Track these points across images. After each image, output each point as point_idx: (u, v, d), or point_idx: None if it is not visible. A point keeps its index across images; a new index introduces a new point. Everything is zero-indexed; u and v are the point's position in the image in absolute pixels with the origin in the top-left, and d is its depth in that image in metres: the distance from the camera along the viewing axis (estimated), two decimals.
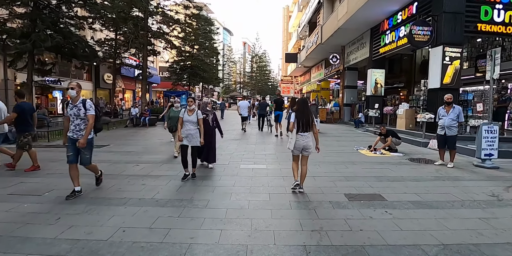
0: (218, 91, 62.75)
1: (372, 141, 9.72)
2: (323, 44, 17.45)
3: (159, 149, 8.17)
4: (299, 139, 4.23)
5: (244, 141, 9.61)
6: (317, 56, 22.08)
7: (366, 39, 14.44)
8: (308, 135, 4.31)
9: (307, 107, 4.38)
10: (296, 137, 4.24)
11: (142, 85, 16.98)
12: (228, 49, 68.48)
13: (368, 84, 14.14)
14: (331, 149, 8.11)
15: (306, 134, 4.27)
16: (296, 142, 4.23)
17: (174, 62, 25.32)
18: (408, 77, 16.89)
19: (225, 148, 8.18)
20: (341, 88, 18.31)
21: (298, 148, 4.28)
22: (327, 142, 9.55)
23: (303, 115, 4.25)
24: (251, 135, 11.57)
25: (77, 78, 24.22)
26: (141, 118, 14.86)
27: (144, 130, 13.28)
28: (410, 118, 10.57)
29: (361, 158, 6.90)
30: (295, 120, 4.25)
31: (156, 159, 6.71)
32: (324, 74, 22.62)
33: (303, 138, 4.24)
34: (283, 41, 49.21)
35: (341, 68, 18.15)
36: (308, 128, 4.27)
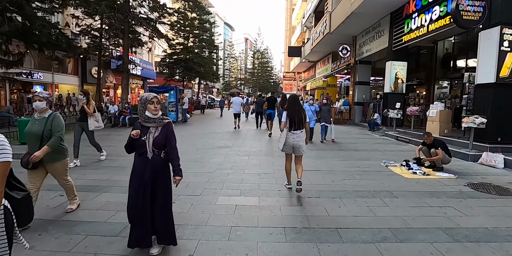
0: (217, 88, 60.61)
1: (398, 150, 7.60)
2: (332, 33, 15.24)
3: (114, 163, 6.07)
4: (289, 137, 4.15)
5: (235, 150, 7.48)
6: (324, 49, 19.85)
7: (385, 26, 12.23)
8: (300, 133, 4.19)
9: (298, 104, 4.28)
10: (287, 135, 4.16)
11: (123, 79, 14.90)
12: (229, 44, 66.23)
13: (386, 80, 11.96)
14: (351, 164, 5.97)
15: (298, 132, 4.16)
16: (286, 140, 4.14)
17: (166, 56, 23.17)
18: (427, 73, 14.69)
19: (207, 161, 6.06)
20: (352, 84, 16.14)
21: (289, 146, 4.17)
22: (342, 151, 7.42)
23: (295, 113, 4.17)
24: (245, 138, 9.46)
25: (60, 72, 22.11)
26: (120, 117, 12.78)
27: (121, 131, 11.20)
28: (445, 121, 8.41)
29: (399, 182, 4.76)
30: (286, 119, 4.16)
31: (95, 181, 4.61)
32: (331, 69, 20.40)
33: (294, 136, 4.15)
34: (286, 36, 46.87)
35: (352, 61, 15.95)
36: (301, 125, 4.18)
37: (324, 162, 6.15)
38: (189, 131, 11.60)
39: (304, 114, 4.26)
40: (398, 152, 7.52)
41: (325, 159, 6.49)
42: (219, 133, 10.91)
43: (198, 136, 9.95)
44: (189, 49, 23.47)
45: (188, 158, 6.39)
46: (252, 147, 7.96)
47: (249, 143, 8.57)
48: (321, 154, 7.00)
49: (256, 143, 8.58)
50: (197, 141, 8.80)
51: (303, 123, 4.19)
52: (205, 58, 25.09)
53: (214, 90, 58.22)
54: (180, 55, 23.08)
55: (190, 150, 7.29)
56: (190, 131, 11.62)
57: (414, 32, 9.89)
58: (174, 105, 14.89)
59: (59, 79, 21.98)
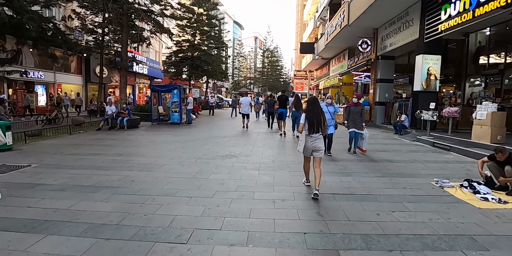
0: (226, 88, 59.51)
1: (442, 161, 6.16)
2: (350, 26, 13.75)
3: (99, 177, 4.83)
4: (308, 140, 4.07)
5: (242, 160, 6.17)
6: (340, 44, 18.33)
7: (414, 14, 10.69)
8: (319, 136, 4.09)
9: (317, 107, 4.17)
10: (306, 138, 4.08)
11: (121, 77, 13.76)
12: (238, 43, 65.05)
13: (416, 76, 10.44)
14: (393, 184, 4.57)
15: (316, 135, 4.07)
16: (306, 144, 4.06)
17: (172, 53, 22.05)
18: (457, 70, 13.11)
19: (206, 179, 4.75)
20: (372, 82, 14.61)
21: (308, 150, 4.09)
22: (375, 163, 6.00)
23: (314, 116, 4.06)
24: (255, 143, 8.13)
25: (62, 71, 21.29)
26: (118, 119, 11.64)
27: (117, 135, 10.05)
28: (499, 126, 6.89)
29: (473, 217, 3.34)
30: (305, 122, 4.09)
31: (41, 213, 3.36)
32: (348, 66, 18.87)
33: (312, 139, 4.06)
34: (297, 32, 45.27)
35: (372, 57, 14.42)
36: (320, 128, 4.06)
37: (356, 180, 4.77)
38: (191, 134, 10.36)
39: (324, 117, 4.14)
40: (444, 164, 6.07)
41: (356, 175, 5.10)
42: (225, 137, 9.63)
43: (201, 141, 8.69)
44: (196, 47, 22.28)
45: (183, 172, 5.10)
46: (263, 156, 6.63)
47: (259, 151, 7.24)
48: (348, 167, 5.61)
49: (267, 151, 7.25)
50: (199, 148, 7.53)
51: (322, 126, 4.08)
52: (212, 55, 23.86)
53: (222, 89, 57.14)
54: (187, 52, 21.91)
55: (188, 161, 6.02)
56: (192, 134, 10.38)
57: (454, 19, 8.35)
58: (178, 106, 13.70)
59: (62, 78, 21.15)
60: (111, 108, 11.99)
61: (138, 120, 12.71)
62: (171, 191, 4.07)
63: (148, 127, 12.82)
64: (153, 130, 11.70)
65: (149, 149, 7.37)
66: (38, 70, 18.64)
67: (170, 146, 7.87)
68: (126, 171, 5.12)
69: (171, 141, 8.80)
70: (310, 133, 4.07)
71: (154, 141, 8.70)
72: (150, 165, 5.65)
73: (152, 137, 9.63)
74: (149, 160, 6.08)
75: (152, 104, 14.35)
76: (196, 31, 23.01)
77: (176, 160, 6.06)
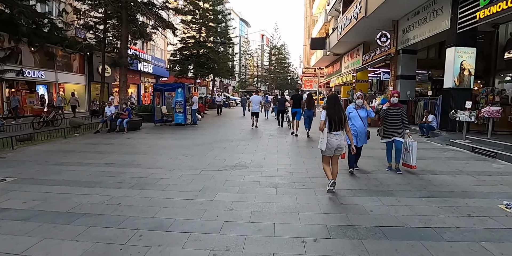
0: (233, 86, 58.58)
1: (494, 172, 5.10)
2: (368, 18, 12.60)
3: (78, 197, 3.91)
4: (331, 138, 3.98)
5: (255, 173, 5.19)
6: (354, 39, 17.16)
7: (444, 2, 9.52)
8: (341, 134, 4.05)
9: (338, 104, 4.11)
10: (328, 136, 3.97)
11: (120, 75, 12.87)
12: (245, 41, 63.97)
13: (448, 71, 9.30)
14: (450, 208, 3.53)
15: (339, 132, 4.02)
16: (328, 142, 3.96)
17: (177, 51, 21.16)
18: (485, 64, 11.92)
19: (211, 201, 3.76)
20: (392, 78, 13.44)
21: (331, 148, 4.00)
22: (415, 176, 4.94)
23: (335, 113, 4.00)
24: (268, 148, 7.12)
25: (64, 70, 20.59)
26: (117, 121, 10.77)
27: (116, 139, 9.18)
28: None
29: None
30: (326, 119, 3.99)
31: None
32: (362, 62, 17.70)
33: (336, 137, 3.99)
34: (305, 28, 43.95)
35: (392, 51, 13.25)
36: (341, 126, 4.02)
37: (402, 202, 3.74)
38: (196, 138, 9.42)
39: (344, 115, 4.10)
40: (498, 176, 4.99)
41: (399, 194, 4.07)
42: (233, 141, 8.66)
43: (206, 146, 7.73)
44: (202, 44, 21.33)
45: (183, 191, 4.15)
46: (279, 166, 5.64)
47: (273, 159, 6.25)
48: (385, 182, 4.58)
49: (283, 159, 6.26)
50: (203, 155, 6.57)
51: (343, 124, 4.05)
52: (219, 52, 22.87)
53: (229, 88, 56.23)
54: (192, 50, 20.98)
55: (190, 173, 5.07)
56: (197, 138, 9.43)
57: (499, 4, 7.19)
58: (182, 106, 12.79)
59: (64, 78, 20.44)
60: (110, 109, 11.13)
61: (139, 122, 11.84)
62: (165, 221, 3.12)
63: (150, 129, 11.94)
64: (155, 132, 10.81)
65: (147, 157, 6.44)
66: (39, 70, 17.94)
67: (172, 152, 6.94)
68: (114, 189, 4.19)
69: (173, 145, 7.87)
70: (331, 131, 3.99)
71: (154, 146, 7.78)
72: (145, 179, 4.71)
73: (153, 141, 8.72)
74: (144, 172, 5.15)
75: (155, 104, 13.46)
76: (201, 27, 22.05)
77: (176, 172, 5.11)
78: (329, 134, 3.99)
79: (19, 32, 10.06)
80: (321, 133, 4.05)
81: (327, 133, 3.99)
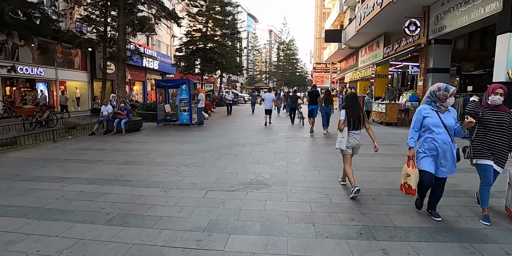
0: (241, 83, 57.30)
1: None
2: (396, 3, 11.12)
3: None
4: (351, 137, 3.90)
5: (278, 195, 3.91)
6: (375, 29, 15.64)
7: None
8: (360, 133, 3.95)
9: (357, 103, 4.05)
10: (348, 135, 3.88)
11: (118, 70, 11.68)
12: (253, 36, 62.46)
13: (499, 62, 7.81)
14: None
15: (358, 131, 3.94)
16: (349, 140, 3.88)
17: (182, 45, 19.92)
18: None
19: (220, 253, 2.50)
20: (422, 72, 11.94)
21: (351, 147, 3.92)
22: None
23: (354, 112, 3.92)
24: (288, 156, 5.82)
25: (65, 67, 19.59)
26: (115, 122, 9.61)
27: (110, 143, 8.00)
28: None
29: None
30: (345, 118, 3.88)
31: None
32: (383, 55, 16.18)
33: (355, 136, 3.91)
34: (316, 21, 42.22)
35: (422, 41, 11.74)
36: (360, 125, 3.92)
37: None
38: (202, 141, 8.18)
39: (363, 113, 4.01)
40: None
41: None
42: (245, 145, 7.39)
43: (214, 153, 6.48)
44: (209, 37, 20.04)
45: (179, 230, 2.88)
46: (308, 183, 4.34)
47: (298, 171, 4.96)
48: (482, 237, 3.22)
49: (310, 171, 4.97)
50: (210, 167, 5.32)
51: (362, 123, 3.93)
52: (227, 46, 21.55)
53: (237, 84, 54.96)
54: (199, 44, 19.71)
55: (191, 195, 3.82)
56: (203, 141, 8.19)
57: None
58: (187, 104, 11.57)
59: (64, 75, 19.44)
60: (107, 109, 9.98)
61: (140, 122, 10.66)
62: None
63: (152, 129, 10.77)
64: (156, 134, 9.61)
65: (141, 169, 5.22)
66: (37, 67, 16.95)
67: (172, 161, 5.71)
68: (86, 225, 2.97)
69: (174, 152, 6.65)
70: (351, 130, 3.92)
71: (152, 153, 6.57)
72: (131, 206, 3.48)
73: (152, 146, 7.51)
74: (132, 193, 3.92)
75: (157, 103, 12.26)
76: (208, 20, 20.75)
77: (174, 195, 3.87)
78: (349, 132, 3.92)
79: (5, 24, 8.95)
80: (340, 132, 3.97)
81: (347, 131, 3.92)
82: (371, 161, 5.56)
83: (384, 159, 5.85)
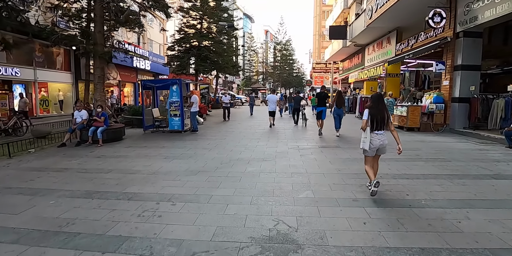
0: (238, 84, 55.67)
1: None
2: None
3: None
4: (374, 138, 3.84)
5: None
6: (387, 23, 14.15)
7: None
8: (384, 133, 3.88)
9: (382, 103, 3.97)
10: (371, 135, 3.84)
11: (95, 68, 10.01)
12: (249, 36, 60.93)
13: None
14: None
15: (382, 132, 3.87)
16: (372, 141, 3.83)
17: (175, 42, 18.25)
18: None
19: None
20: (449, 70, 10.44)
21: (374, 148, 3.87)
22: None
23: (378, 112, 3.86)
24: (311, 177, 4.21)
25: (45, 67, 17.80)
26: (90, 130, 7.93)
27: (79, 159, 6.33)
28: None
29: None
30: (368, 118, 3.88)
31: None
32: (396, 52, 14.72)
33: (379, 137, 3.84)
34: (315, 16, 40.78)
35: (448, 34, 10.25)
36: (383, 125, 3.86)
37: None
38: (195, 155, 6.55)
39: (388, 114, 3.90)
40: None
41: None
42: (250, 161, 5.79)
43: (210, 176, 4.85)
44: (204, 34, 18.39)
45: None
46: (359, 237, 2.74)
47: (336, 212, 3.36)
48: None
49: (353, 210, 3.37)
50: (204, 202, 3.69)
51: (385, 123, 3.86)
52: (223, 44, 19.91)
53: (234, 86, 53.32)
54: (192, 41, 18.04)
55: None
56: (197, 155, 6.56)
57: None
58: (179, 108, 9.94)
59: (45, 76, 17.58)
60: (81, 114, 8.30)
61: (121, 130, 8.97)
62: None
63: (137, 138, 9.12)
64: (140, 145, 7.95)
65: (102, 207, 3.56)
66: (12, 66, 15.14)
67: (151, 191, 4.08)
68: None
69: (157, 174, 5.01)
70: (374, 130, 3.84)
71: (127, 176, 4.92)
72: None
73: (130, 163, 5.86)
74: None
75: (144, 106, 10.58)
76: (203, 16, 19.11)
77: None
78: (371, 133, 3.84)
79: None
80: (363, 133, 3.93)
81: (370, 132, 3.85)
82: (430, 189, 3.98)
83: (444, 184, 4.30)
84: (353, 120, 14.56)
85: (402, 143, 3.89)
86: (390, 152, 4.42)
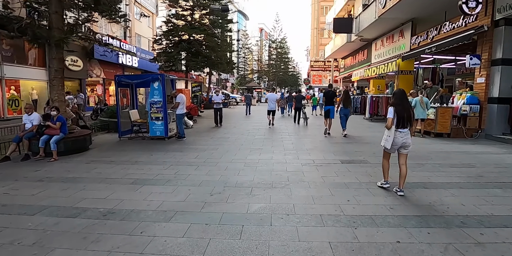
0: (232, 83, 53.77)
1: None
2: None
3: None
4: (397, 136, 3.78)
5: None
6: (402, 14, 12.50)
7: None
8: (407, 131, 3.81)
9: (406, 101, 3.87)
10: (394, 133, 3.77)
11: (50, 60, 8.07)
12: (244, 34, 59.06)
13: None
14: None
15: (405, 130, 3.79)
16: (395, 140, 3.76)
17: (162, 35, 16.31)
18: None
19: None
20: (485, 65, 8.80)
21: (395, 146, 3.82)
22: None
23: (404, 110, 3.77)
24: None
25: (14, 62, 15.75)
26: (41, 139, 6.06)
27: (12, 184, 4.47)
28: None
29: None
30: (394, 116, 3.76)
31: None
32: (411, 46, 13.09)
33: (402, 135, 3.78)
34: (312, 12, 39.11)
35: (485, 22, 8.60)
36: (409, 123, 3.79)
37: None
38: (176, 177, 4.72)
39: (413, 112, 3.83)
40: None
41: None
42: (253, 190, 4.00)
43: (193, 223, 3.06)
44: (195, 26, 16.47)
45: None
46: None
47: None
48: None
49: None
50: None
51: (411, 121, 3.79)
52: (217, 37, 18.01)
53: (228, 84, 51.40)
54: (182, 34, 16.12)
55: None
56: (178, 177, 4.74)
57: None
58: (161, 109, 8.11)
59: (14, 72, 15.54)
60: (30, 119, 6.41)
61: (86, 138, 7.06)
62: None
63: (107, 148, 7.26)
64: (106, 159, 6.08)
65: None
66: None
67: None
68: None
69: (107, 220, 3.20)
70: (398, 128, 3.77)
71: (62, 223, 3.10)
72: None
73: (78, 193, 4.01)
74: None
75: (119, 108, 8.68)
76: (194, 6, 17.21)
77: None
78: (396, 131, 3.77)
79: None
80: (386, 130, 3.86)
81: (394, 130, 3.76)
82: None
83: None
84: (365, 123, 12.88)
85: (439, 152, 3.82)
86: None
